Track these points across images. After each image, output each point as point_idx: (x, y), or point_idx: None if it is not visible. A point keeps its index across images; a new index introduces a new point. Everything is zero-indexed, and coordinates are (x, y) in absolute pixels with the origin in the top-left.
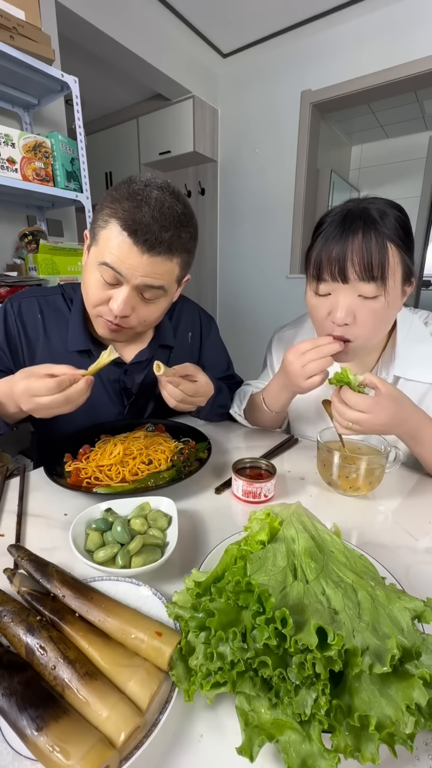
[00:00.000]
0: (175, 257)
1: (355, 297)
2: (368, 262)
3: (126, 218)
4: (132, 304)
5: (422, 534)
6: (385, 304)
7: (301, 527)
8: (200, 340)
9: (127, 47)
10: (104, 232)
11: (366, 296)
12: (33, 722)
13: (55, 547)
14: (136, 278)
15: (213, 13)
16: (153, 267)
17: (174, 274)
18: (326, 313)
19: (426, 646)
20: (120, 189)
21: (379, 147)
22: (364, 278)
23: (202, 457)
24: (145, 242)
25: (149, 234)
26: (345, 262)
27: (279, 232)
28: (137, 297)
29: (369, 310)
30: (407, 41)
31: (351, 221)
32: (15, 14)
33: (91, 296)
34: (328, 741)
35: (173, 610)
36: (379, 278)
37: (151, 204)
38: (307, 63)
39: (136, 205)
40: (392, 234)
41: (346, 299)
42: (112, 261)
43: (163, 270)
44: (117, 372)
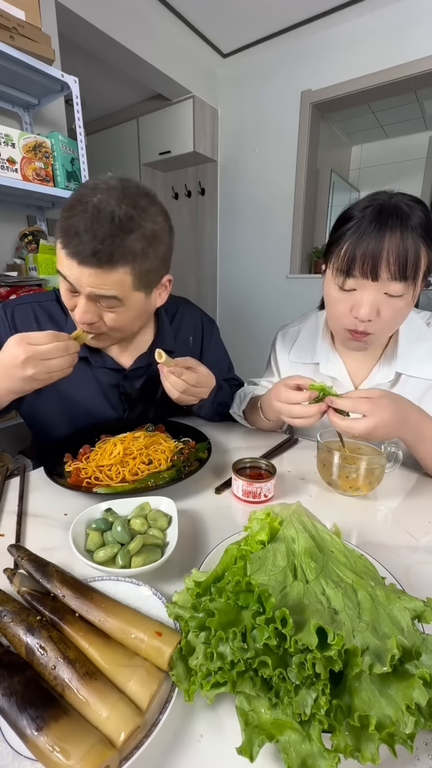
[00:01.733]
0: (119, 266)
1: (381, 294)
2: (403, 261)
3: (60, 228)
4: (94, 312)
5: (422, 534)
6: (409, 301)
7: (301, 527)
8: (201, 344)
9: (127, 47)
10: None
11: (393, 294)
12: (33, 722)
13: (55, 547)
14: (84, 288)
15: (213, 13)
16: (95, 278)
17: (126, 284)
18: (349, 308)
19: (426, 646)
20: (72, 195)
21: (379, 147)
22: (396, 277)
23: (202, 457)
24: (76, 254)
25: (79, 245)
26: (379, 261)
27: (279, 232)
28: (95, 305)
29: (392, 308)
30: (407, 41)
31: (386, 217)
32: (15, 14)
33: (65, 302)
34: (328, 741)
35: (173, 610)
36: (411, 278)
37: (87, 211)
38: (307, 63)
39: (71, 215)
40: (423, 233)
41: (372, 296)
42: (62, 271)
43: (109, 281)
44: (116, 377)
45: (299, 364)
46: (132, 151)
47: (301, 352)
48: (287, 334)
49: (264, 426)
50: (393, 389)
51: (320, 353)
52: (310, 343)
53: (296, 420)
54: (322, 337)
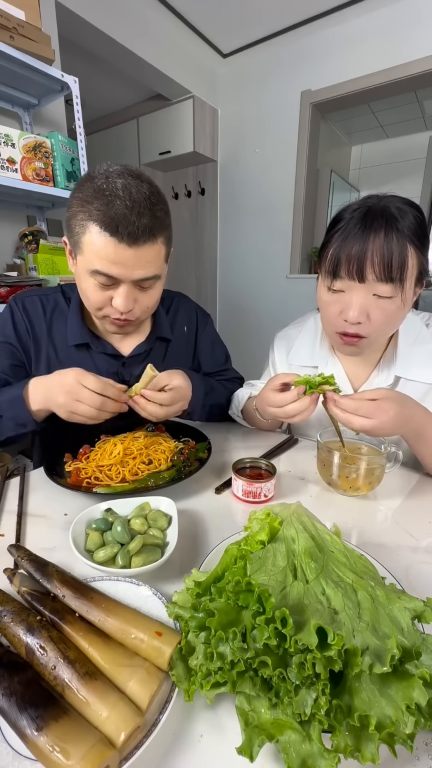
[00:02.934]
0: (158, 237)
1: (370, 296)
2: (388, 262)
3: (102, 218)
4: (133, 297)
5: (422, 534)
6: (400, 304)
7: (301, 527)
8: (195, 334)
9: (127, 47)
10: (85, 238)
11: (381, 296)
12: (33, 722)
13: (55, 547)
14: (131, 275)
15: (213, 13)
16: (144, 256)
17: (162, 255)
18: (338, 310)
19: (426, 646)
20: (84, 189)
21: (379, 147)
22: (382, 279)
23: (202, 457)
24: (129, 235)
25: (130, 226)
26: (364, 262)
27: (279, 232)
28: (136, 290)
29: (382, 310)
30: (407, 41)
31: (372, 219)
32: (15, 14)
33: (92, 300)
34: (328, 741)
35: (173, 610)
36: (398, 279)
37: (120, 195)
38: (307, 63)
39: (107, 202)
40: (411, 234)
41: (360, 298)
42: (102, 267)
43: (153, 255)
44: (115, 365)
45: (298, 368)
46: (132, 151)
47: (299, 355)
48: (285, 336)
49: (262, 426)
50: None
51: (319, 357)
52: (308, 347)
53: (294, 418)
54: (321, 341)
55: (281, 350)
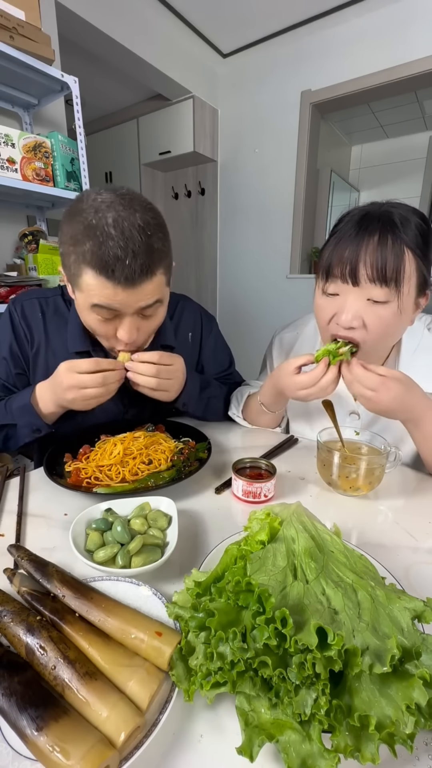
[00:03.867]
0: (157, 271)
1: (364, 301)
2: (382, 265)
3: (95, 261)
4: (136, 326)
5: (422, 534)
6: (396, 311)
7: (301, 527)
8: (200, 340)
9: (127, 47)
10: (82, 280)
11: (376, 300)
12: (33, 722)
13: (55, 547)
14: (131, 308)
15: (213, 13)
16: (142, 293)
17: (162, 284)
18: (332, 314)
19: (426, 646)
20: (74, 224)
21: (379, 147)
22: (375, 281)
23: (202, 457)
24: (125, 279)
25: (126, 268)
26: (357, 263)
27: (279, 232)
28: (139, 318)
29: (377, 316)
30: (407, 41)
31: (368, 222)
32: (15, 14)
33: (99, 333)
34: (328, 741)
35: (173, 610)
36: (393, 283)
37: (112, 234)
38: (307, 63)
39: (99, 243)
40: (411, 240)
41: (355, 302)
42: (102, 302)
43: (152, 289)
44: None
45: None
46: (132, 151)
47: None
48: (284, 339)
49: (264, 423)
50: None
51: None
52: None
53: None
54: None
55: (279, 354)
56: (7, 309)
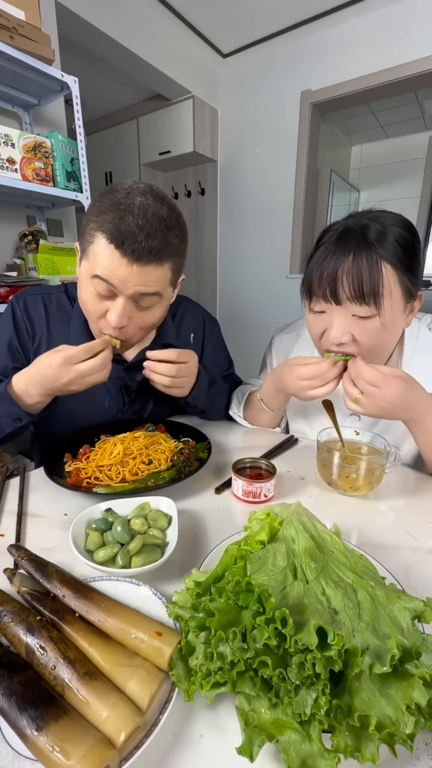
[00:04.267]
0: (165, 263)
1: (350, 316)
2: (359, 285)
3: (111, 230)
4: (128, 314)
5: (422, 534)
6: (380, 325)
7: (301, 527)
8: (202, 342)
9: (127, 47)
10: (92, 247)
11: (361, 316)
12: (33, 722)
13: (55, 547)
14: (129, 288)
15: (213, 13)
16: (145, 276)
17: (167, 279)
18: (322, 330)
19: (426, 646)
20: (103, 200)
21: (379, 147)
22: (355, 300)
23: (202, 457)
24: (132, 252)
25: (136, 244)
26: (336, 284)
27: (279, 232)
28: (133, 306)
29: (364, 331)
30: (407, 41)
31: (345, 241)
32: (15, 14)
33: (90, 310)
34: (328, 741)
35: (173, 610)
36: (372, 299)
37: (134, 212)
38: (307, 63)
39: (119, 216)
40: (389, 254)
41: (341, 320)
42: (103, 273)
43: (156, 277)
44: (118, 369)
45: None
46: (132, 151)
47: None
48: (283, 341)
49: (264, 422)
50: None
51: None
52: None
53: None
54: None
55: (279, 355)
56: (10, 304)
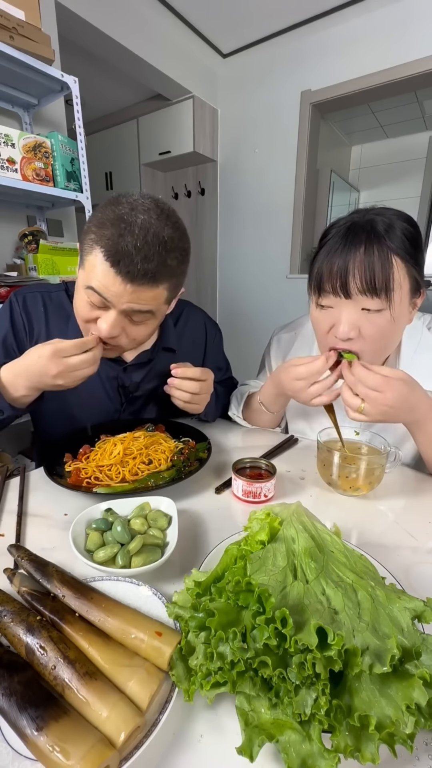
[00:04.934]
0: (161, 284)
1: (359, 311)
2: (371, 277)
3: (108, 247)
4: (120, 326)
5: (422, 534)
6: (390, 318)
7: (301, 527)
8: (204, 348)
9: (127, 47)
10: (89, 258)
11: (371, 309)
12: (33, 722)
13: (55, 547)
14: (122, 304)
15: (213, 13)
16: (137, 295)
17: (162, 298)
18: (329, 326)
19: (426, 646)
20: (106, 211)
21: (379, 147)
22: (366, 293)
23: (202, 457)
24: (127, 273)
25: (131, 266)
26: (347, 277)
27: (279, 232)
28: (125, 319)
29: (373, 325)
30: (407, 41)
31: (354, 234)
32: (15, 14)
33: (81, 314)
34: (328, 741)
35: (173, 610)
36: (383, 293)
37: (135, 232)
38: (307, 63)
39: (119, 234)
40: (398, 247)
41: (350, 314)
42: (97, 287)
43: (149, 297)
44: (116, 369)
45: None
46: (132, 151)
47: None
48: (282, 340)
49: (263, 423)
50: None
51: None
52: (306, 352)
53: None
54: (317, 349)
55: (277, 355)
56: (8, 300)
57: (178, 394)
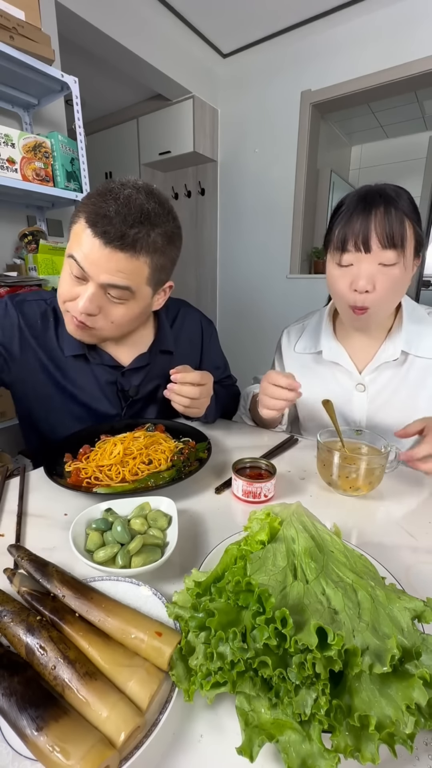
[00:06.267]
0: (141, 256)
1: (376, 265)
2: (390, 231)
3: (90, 211)
4: (98, 303)
5: (422, 534)
6: (402, 269)
7: (301, 527)
8: (201, 347)
9: (127, 47)
10: (74, 228)
11: (386, 263)
12: (33, 722)
13: (55, 547)
14: (100, 276)
15: (213, 13)
16: (115, 263)
17: (142, 276)
18: (348, 283)
19: (426, 646)
20: (98, 187)
21: (379, 147)
22: (386, 246)
23: (202, 457)
24: (104, 234)
25: (110, 226)
26: (369, 233)
27: (279, 232)
28: (103, 296)
29: (388, 277)
30: (407, 41)
31: (372, 198)
32: (15, 14)
33: (62, 291)
34: (328, 741)
35: (173, 610)
36: (400, 246)
37: (118, 200)
38: (307, 63)
39: (103, 200)
40: (407, 210)
41: (368, 268)
42: (77, 255)
43: (128, 268)
44: (114, 374)
45: (304, 355)
46: (132, 151)
47: (305, 342)
48: (292, 330)
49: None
50: (400, 369)
51: (323, 342)
52: (314, 334)
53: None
54: (324, 328)
55: (288, 343)
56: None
57: (179, 399)
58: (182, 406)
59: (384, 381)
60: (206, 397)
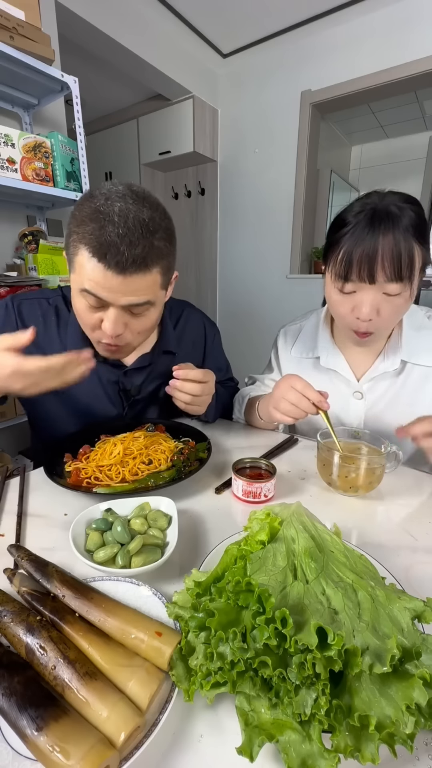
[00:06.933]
0: (152, 268)
1: (380, 294)
2: (398, 264)
3: (92, 242)
4: (123, 322)
5: (422, 534)
6: (407, 297)
7: (301, 527)
8: (204, 349)
9: (127, 47)
10: (77, 259)
11: (390, 293)
12: (33, 722)
13: (55, 547)
14: (119, 300)
15: (213, 13)
16: (133, 286)
17: (157, 284)
18: (350, 309)
19: (426, 646)
20: (82, 208)
21: (379, 147)
22: (392, 279)
23: (202, 457)
24: (117, 264)
25: (119, 255)
26: (374, 265)
27: (279, 232)
28: (127, 314)
29: (392, 306)
30: (407, 41)
31: (379, 221)
32: (15, 14)
33: (85, 321)
34: (328, 741)
35: (173, 610)
36: (407, 278)
37: (114, 221)
38: (307, 63)
39: (99, 227)
40: (414, 231)
41: (373, 298)
42: (91, 288)
43: (144, 285)
44: (116, 374)
45: (301, 359)
46: (132, 151)
47: (302, 346)
48: (289, 331)
49: (259, 425)
50: (399, 377)
51: (321, 347)
52: (311, 338)
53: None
54: (322, 332)
55: (285, 345)
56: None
57: (180, 396)
58: (183, 403)
59: (382, 389)
60: (208, 395)
